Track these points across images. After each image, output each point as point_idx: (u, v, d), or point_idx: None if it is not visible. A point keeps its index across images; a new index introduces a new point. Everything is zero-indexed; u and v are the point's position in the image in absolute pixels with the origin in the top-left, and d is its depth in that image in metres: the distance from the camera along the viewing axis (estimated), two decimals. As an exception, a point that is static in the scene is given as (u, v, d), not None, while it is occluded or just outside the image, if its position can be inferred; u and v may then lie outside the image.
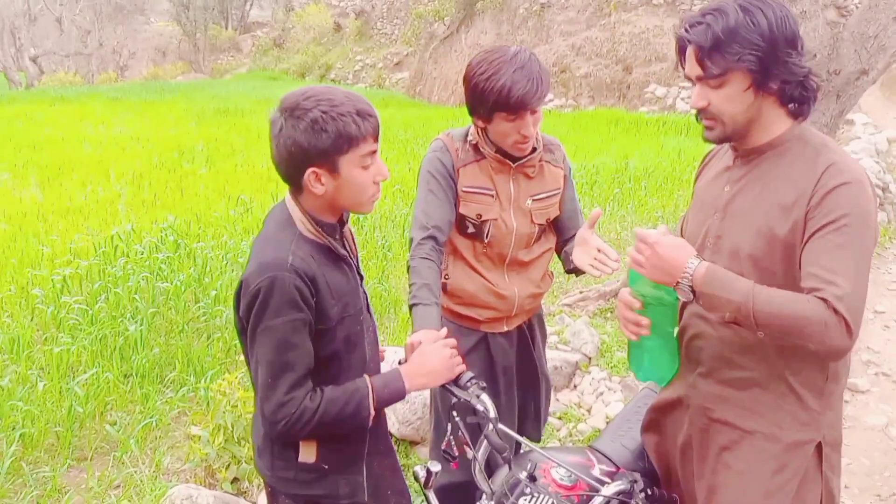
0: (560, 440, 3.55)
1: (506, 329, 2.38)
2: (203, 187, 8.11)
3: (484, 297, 2.31)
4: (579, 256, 2.12)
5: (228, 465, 3.08)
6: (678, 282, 1.51)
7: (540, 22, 17.54)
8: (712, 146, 1.84)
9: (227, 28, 35.92)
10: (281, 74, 28.38)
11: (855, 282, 1.42)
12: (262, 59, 31.29)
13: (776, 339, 1.52)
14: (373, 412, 1.63)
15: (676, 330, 1.78)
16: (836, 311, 1.39)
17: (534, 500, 1.63)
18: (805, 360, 1.59)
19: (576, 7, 17.55)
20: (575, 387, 3.97)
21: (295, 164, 1.58)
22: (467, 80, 2.09)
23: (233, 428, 3.23)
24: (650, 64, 16.05)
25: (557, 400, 3.84)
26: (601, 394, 3.89)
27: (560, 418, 3.70)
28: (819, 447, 1.63)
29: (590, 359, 4.14)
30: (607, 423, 3.71)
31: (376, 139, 1.61)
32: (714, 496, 1.71)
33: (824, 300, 1.40)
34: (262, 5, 39.13)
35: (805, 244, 1.50)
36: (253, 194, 7.33)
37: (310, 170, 1.57)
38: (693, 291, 1.51)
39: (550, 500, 1.63)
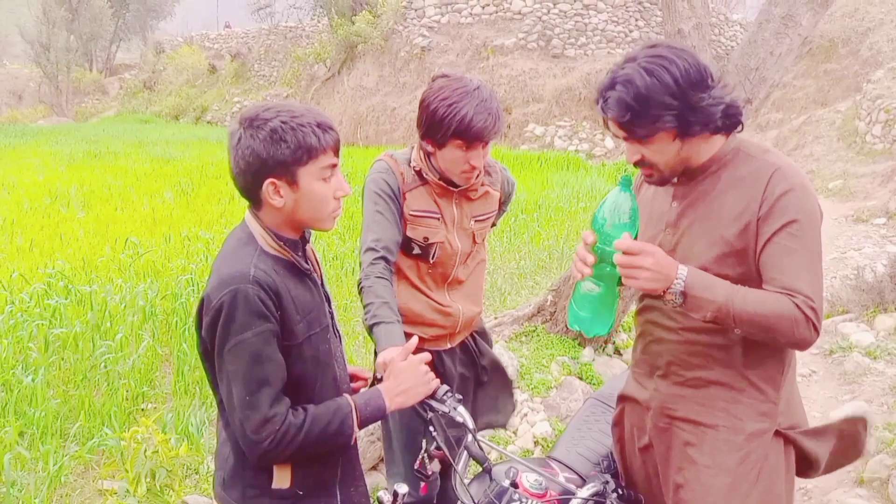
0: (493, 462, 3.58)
1: (450, 346, 2.41)
2: (83, 232, 7.63)
3: (430, 315, 2.33)
4: None
5: (154, 516, 2.88)
6: (670, 287, 1.55)
7: (421, 65, 17.95)
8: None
9: (91, 70, 34.23)
10: (152, 117, 27.29)
11: (814, 283, 1.57)
12: (132, 102, 29.98)
13: (750, 335, 1.61)
14: (356, 430, 1.59)
15: (616, 286, 1.68)
16: (804, 314, 1.53)
17: (522, 506, 1.64)
18: (763, 357, 1.70)
19: (455, 51, 18.13)
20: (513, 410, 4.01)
21: (253, 175, 1.55)
22: (426, 103, 2.12)
23: (154, 476, 3.03)
24: (528, 105, 16.79)
25: (484, 424, 3.86)
26: (525, 415, 3.96)
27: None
28: (777, 433, 1.73)
29: (511, 382, 4.20)
30: (535, 442, 3.79)
31: (336, 153, 1.59)
32: (681, 493, 1.77)
33: (794, 302, 1.53)
34: (130, 48, 37.70)
35: (763, 249, 1.60)
36: (141, 236, 6.97)
37: (268, 181, 1.54)
38: (683, 294, 1.56)
39: (538, 505, 1.64)
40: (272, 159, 1.51)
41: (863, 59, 15.32)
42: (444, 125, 2.07)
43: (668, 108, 1.56)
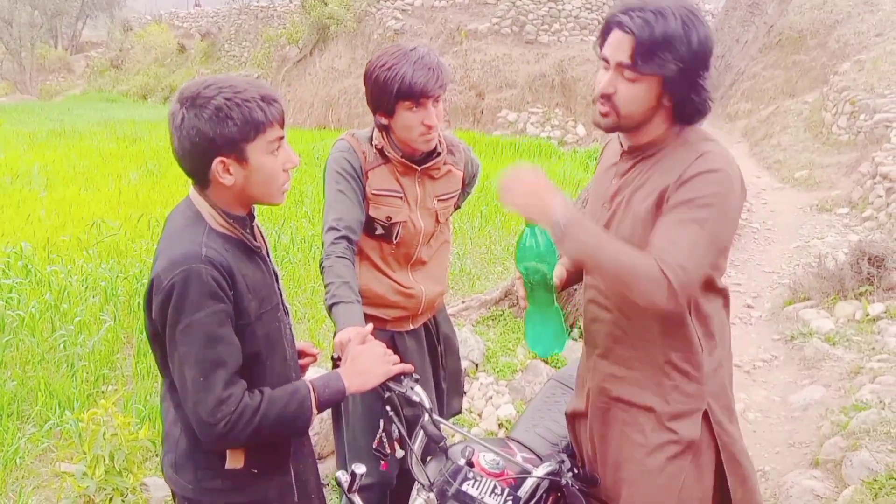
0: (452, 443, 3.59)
1: (412, 327, 2.41)
2: (46, 212, 7.47)
3: (392, 297, 2.32)
4: None
5: (111, 497, 2.84)
6: (550, 219, 1.57)
7: (394, 47, 17.80)
8: (604, 144, 1.96)
9: (56, 47, 33.44)
10: (119, 97, 26.76)
11: (693, 256, 1.51)
12: (98, 81, 29.39)
13: (609, 286, 1.65)
14: (315, 412, 1.57)
15: (556, 306, 1.82)
16: (664, 275, 1.48)
17: (477, 484, 1.64)
18: (682, 339, 1.70)
19: (428, 34, 17.98)
20: (464, 393, 4.03)
21: (200, 155, 1.50)
22: (368, 75, 2.13)
23: (113, 458, 2.98)
24: (501, 90, 16.73)
25: (449, 407, 3.87)
26: (490, 398, 3.98)
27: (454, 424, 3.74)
28: (706, 415, 1.73)
29: (477, 365, 4.22)
30: (500, 425, 3.81)
31: (282, 125, 1.55)
32: (619, 472, 1.79)
33: (660, 266, 1.49)
34: (96, 25, 36.84)
35: (660, 219, 1.58)
36: (106, 217, 6.84)
37: (217, 160, 1.49)
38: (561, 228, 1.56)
39: (493, 483, 1.65)
40: (220, 138, 1.47)
41: (830, 52, 15.50)
42: (387, 89, 2.07)
43: (679, 61, 1.54)
